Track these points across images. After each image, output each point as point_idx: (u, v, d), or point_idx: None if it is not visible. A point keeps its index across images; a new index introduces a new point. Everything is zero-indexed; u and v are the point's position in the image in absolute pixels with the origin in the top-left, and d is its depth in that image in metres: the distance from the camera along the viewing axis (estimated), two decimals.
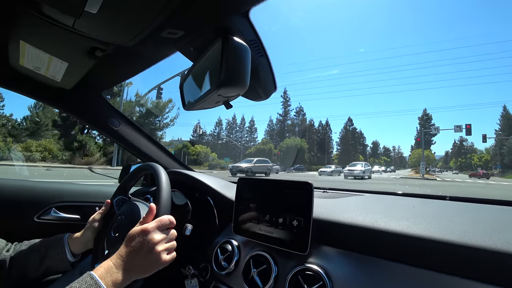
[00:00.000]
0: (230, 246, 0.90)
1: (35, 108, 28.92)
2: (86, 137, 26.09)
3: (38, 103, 28.47)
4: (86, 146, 24.67)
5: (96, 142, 27.05)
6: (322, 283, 0.67)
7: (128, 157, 27.02)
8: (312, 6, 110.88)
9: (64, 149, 24.02)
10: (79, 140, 25.04)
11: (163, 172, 0.82)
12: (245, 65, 0.52)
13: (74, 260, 0.91)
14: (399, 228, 0.64)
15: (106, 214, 0.94)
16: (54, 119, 28.59)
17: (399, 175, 36.75)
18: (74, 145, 24.48)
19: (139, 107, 31.98)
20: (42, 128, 27.42)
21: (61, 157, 22.78)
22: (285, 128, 63.92)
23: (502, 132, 59.81)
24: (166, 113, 34.67)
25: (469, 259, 0.54)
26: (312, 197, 0.73)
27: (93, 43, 0.75)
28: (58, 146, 24.07)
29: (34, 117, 28.15)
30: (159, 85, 17.83)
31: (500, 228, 0.60)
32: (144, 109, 32.32)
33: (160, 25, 0.57)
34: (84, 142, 25.02)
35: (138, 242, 0.64)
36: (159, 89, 17.93)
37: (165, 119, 34.87)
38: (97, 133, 30.32)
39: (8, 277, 0.86)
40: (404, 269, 0.61)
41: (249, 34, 0.57)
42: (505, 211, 0.86)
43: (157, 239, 0.65)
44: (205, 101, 0.61)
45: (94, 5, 0.50)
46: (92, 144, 25.52)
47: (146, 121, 32.10)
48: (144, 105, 32.40)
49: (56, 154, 22.39)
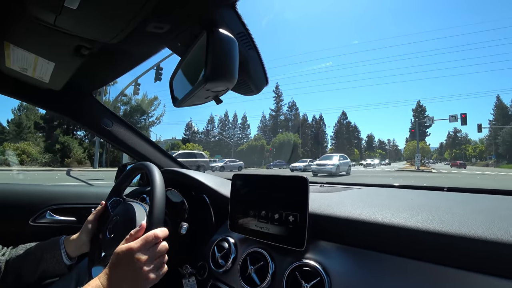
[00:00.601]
0: (227, 244, 0.90)
1: (19, 111, 28.63)
2: (69, 139, 25.71)
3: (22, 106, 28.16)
4: (68, 148, 24.29)
5: (81, 143, 26.75)
6: (320, 278, 0.66)
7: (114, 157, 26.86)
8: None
9: (44, 152, 23.62)
10: (61, 142, 24.67)
11: (156, 170, 0.81)
12: (232, 58, 0.51)
13: (70, 263, 0.90)
14: (396, 221, 0.64)
15: (100, 215, 0.94)
16: (36, 121, 28.32)
17: (393, 168, 36.96)
18: (56, 147, 24.13)
19: (123, 106, 31.63)
20: (25, 131, 27.12)
21: (41, 160, 22.38)
22: (278, 123, 64.09)
23: (496, 122, 60.50)
24: (151, 111, 34.46)
25: (468, 251, 0.53)
26: (307, 191, 0.72)
27: (78, 41, 0.73)
28: (38, 149, 23.68)
29: (16, 120, 27.82)
30: (135, 80, 17.30)
31: (499, 218, 0.60)
32: (128, 108, 31.93)
33: (144, 19, 0.55)
34: (66, 143, 24.65)
35: (124, 263, 0.62)
36: (136, 84, 17.51)
37: (151, 117, 34.67)
38: (82, 134, 30.23)
39: (3, 281, 0.85)
40: (403, 262, 0.60)
41: (236, 26, 0.56)
42: (503, 200, 0.86)
43: (143, 259, 0.63)
44: (194, 97, 0.59)
45: (74, 0, 0.48)
46: (76, 146, 25.14)
47: (131, 120, 31.69)
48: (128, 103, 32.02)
49: (35, 157, 21.98)
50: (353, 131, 75.44)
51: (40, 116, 29.27)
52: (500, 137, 57.08)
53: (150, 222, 0.70)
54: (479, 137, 72.34)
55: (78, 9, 0.51)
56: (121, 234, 0.77)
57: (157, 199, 0.73)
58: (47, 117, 28.42)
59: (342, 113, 73.56)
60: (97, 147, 21.36)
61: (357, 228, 0.69)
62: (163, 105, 39.30)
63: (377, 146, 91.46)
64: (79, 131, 31.54)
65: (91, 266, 0.84)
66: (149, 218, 0.71)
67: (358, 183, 1.26)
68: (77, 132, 31.39)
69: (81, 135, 31.32)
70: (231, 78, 0.51)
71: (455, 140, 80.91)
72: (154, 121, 34.78)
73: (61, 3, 0.49)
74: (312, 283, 0.66)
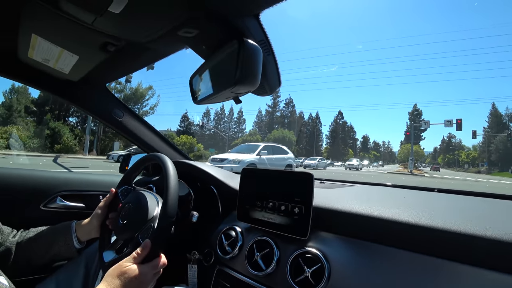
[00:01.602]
0: (234, 232, 0.96)
1: (10, 94, 27.94)
2: (60, 124, 25.12)
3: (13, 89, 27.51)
4: (59, 134, 23.76)
5: (72, 130, 26.14)
6: (320, 265, 0.73)
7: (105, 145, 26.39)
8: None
9: (33, 137, 23.01)
10: (52, 128, 24.07)
11: (170, 162, 0.85)
12: (258, 64, 0.58)
13: (80, 246, 0.93)
14: (390, 216, 0.71)
15: (110, 202, 0.97)
16: (26, 105, 27.65)
17: (386, 170, 37.26)
18: (46, 132, 23.52)
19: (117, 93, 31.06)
20: (15, 114, 26.46)
21: (29, 145, 21.79)
22: (274, 119, 63.93)
23: (490, 130, 61.13)
24: (145, 100, 34.11)
25: (451, 242, 0.61)
26: (312, 186, 0.79)
27: (107, 39, 0.77)
28: (27, 133, 22.98)
29: (7, 103, 27.12)
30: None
31: (479, 216, 0.68)
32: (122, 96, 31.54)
33: (178, 25, 0.61)
34: (57, 129, 24.04)
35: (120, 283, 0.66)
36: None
37: (144, 107, 34.36)
38: (75, 121, 29.64)
39: (15, 263, 0.87)
40: (395, 252, 0.67)
41: (259, 35, 0.62)
42: (486, 202, 0.94)
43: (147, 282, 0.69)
44: (217, 97, 0.65)
45: (118, 5, 0.53)
46: (66, 132, 24.57)
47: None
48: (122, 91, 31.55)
49: (23, 142, 21.21)
50: (349, 131, 75.75)
51: (31, 100, 28.72)
52: (493, 144, 57.74)
53: (165, 213, 0.75)
54: (473, 144, 73.13)
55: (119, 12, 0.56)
56: (133, 221, 0.82)
57: (172, 191, 0.77)
58: (39, 101, 27.87)
59: (338, 113, 73.93)
60: (88, 134, 20.99)
61: (355, 221, 0.76)
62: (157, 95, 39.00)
63: (372, 147, 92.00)
64: (71, 117, 31.06)
65: (102, 250, 0.87)
66: (163, 209, 0.76)
67: (356, 181, 1.33)
68: (69, 118, 30.89)
69: (73, 122, 30.89)
70: (256, 82, 0.58)
71: (449, 146, 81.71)
72: (148, 111, 34.55)
73: (105, 7, 0.54)
74: (313, 268, 0.73)
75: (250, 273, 0.85)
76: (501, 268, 0.54)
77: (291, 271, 0.77)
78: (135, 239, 0.77)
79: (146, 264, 0.70)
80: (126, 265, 0.68)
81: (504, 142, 53.17)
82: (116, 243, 0.89)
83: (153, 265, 0.71)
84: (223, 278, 0.93)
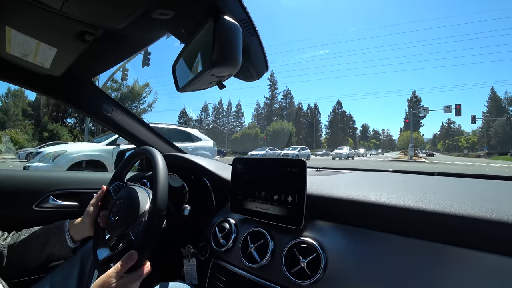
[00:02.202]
0: (227, 225, 0.94)
1: (7, 98, 27.91)
2: (58, 126, 25.28)
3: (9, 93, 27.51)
4: (57, 135, 23.82)
5: (71, 131, 26.21)
6: (316, 254, 0.70)
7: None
8: None
9: (32, 139, 23.09)
10: (50, 130, 24.21)
11: (159, 155, 0.83)
12: (237, 44, 0.53)
13: (74, 246, 0.92)
14: (388, 201, 0.68)
15: (102, 200, 0.95)
16: (23, 108, 27.70)
17: (387, 158, 37.35)
18: (44, 135, 23.62)
19: (113, 92, 30.89)
20: (12, 118, 26.52)
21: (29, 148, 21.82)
22: (272, 112, 63.94)
23: (489, 114, 61.15)
24: (143, 97, 33.95)
25: (452, 226, 0.58)
26: (305, 173, 0.76)
27: (82, 27, 0.73)
28: (26, 136, 23.13)
29: (4, 107, 27.11)
30: (123, 65, 16.60)
31: (481, 199, 0.64)
32: (119, 94, 31.43)
33: (151, 6, 0.57)
34: (55, 131, 24.19)
35: None
36: (124, 69, 16.88)
37: (142, 104, 34.21)
38: (73, 122, 29.65)
39: (9, 265, 0.86)
40: (394, 238, 0.65)
41: (240, 14, 0.58)
42: (486, 183, 0.91)
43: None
44: (198, 82, 0.62)
45: None
46: (65, 133, 24.72)
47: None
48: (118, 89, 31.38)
49: (23, 145, 21.35)
50: (348, 120, 75.77)
51: (28, 103, 28.70)
52: (492, 129, 57.84)
53: (154, 207, 0.73)
54: (472, 129, 73.33)
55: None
56: (125, 217, 0.80)
57: (161, 184, 0.75)
58: (35, 104, 27.83)
59: (337, 102, 73.90)
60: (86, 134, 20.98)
61: (351, 208, 0.73)
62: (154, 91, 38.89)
63: (372, 136, 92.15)
64: (69, 118, 31.02)
65: (96, 248, 0.86)
66: (153, 203, 0.74)
67: (353, 168, 1.30)
68: (67, 119, 30.83)
69: (72, 123, 30.81)
70: (236, 64, 0.53)
71: (448, 131, 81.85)
72: (146, 108, 34.38)
73: None
74: (309, 258, 0.71)
75: (245, 266, 0.82)
76: (503, 251, 0.52)
77: (287, 262, 0.74)
78: (127, 235, 0.76)
79: (131, 275, 0.69)
80: (110, 278, 0.66)
81: (503, 126, 53.26)
82: (110, 240, 0.87)
83: (137, 275, 0.70)
84: (219, 272, 0.91)
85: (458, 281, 0.54)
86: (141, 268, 0.71)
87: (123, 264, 0.68)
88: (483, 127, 63.00)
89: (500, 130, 55.19)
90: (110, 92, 30.25)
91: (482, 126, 63.82)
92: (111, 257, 0.77)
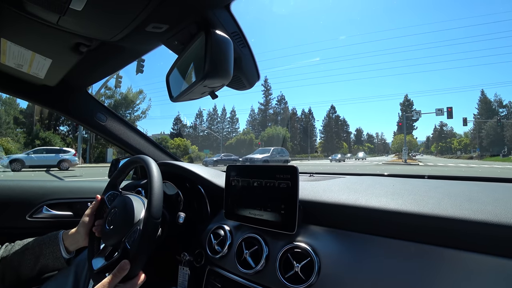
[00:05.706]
0: (222, 231, 0.94)
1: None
2: (50, 134, 24.90)
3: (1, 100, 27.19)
4: (50, 143, 23.35)
5: (64, 139, 25.89)
6: (310, 259, 0.71)
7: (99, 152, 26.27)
8: None
9: (24, 148, 22.58)
10: (42, 138, 23.82)
11: (153, 163, 0.84)
12: (228, 56, 0.55)
13: (69, 256, 0.91)
14: (378, 204, 0.69)
15: (97, 209, 0.95)
16: (15, 116, 27.34)
17: (381, 162, 37.65)
18: (36, 143, 23.16)
19: (107, 99, 30.79)
20: (4, 126, 26.12)
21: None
22: (267, 117, 64.02)
23: (480, 116, 62.09)
24: (136, 105, 33.76)
25: (440, 229, 0.59)
26: (297, 179, 0.77)
27: (77, 39, 0.75)
28: (18, 145, 22.68)
29: None
30: (116, 72, 16.82)
31: (468, 200, 0.66)
32: (113, 101, 31.30)
33: (145, 20, 0.59)
34: (48, 139, 23.81)
35: None
36: (117, 76, 16.83)
37: (136, 112, 34.05)
38: (66, 129, 29.32)
39: (3, 277, 0.85)
40: (385, 242, 0.66)
41: (231, 26, 0.60)
42: (474, 185, 0.94)
43: None
44: (192, 92, 0.63)
45: (79, 2, 0.51)
46: (58, 141, 24.33)
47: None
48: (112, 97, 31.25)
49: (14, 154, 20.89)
50: (342, 125, 76.24)
51: (20, 110, 28.37)
52: (484, 130, 58.69)
53: (149, 215, 0.73)
54: (464, 131, 74.34)
55: (82, 10, 0.54)
56: (120, 226, 0.80)
57: (155, 192, 0.76)
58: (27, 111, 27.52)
59: (331, 107, 74.32)
60: (80, 142, 20.76)
61: (343, 212, 0.75)
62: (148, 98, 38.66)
63: (366, 139, 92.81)
64: (62, 126, 30.66)
65: (91, 258, 0.86)
66: (148, 211, 0.74)
67: (346, 173, 1.32)
68: (60, 127, 30.45)
69: (64, 131, 30.43)
70: (227, 75, 0.56)
71: (441, 134, 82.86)
72: (140, 115, 34.18)
73: (66, 5, 0.52)
74: (303, 263, 0.72)
75: (240, 272, 0.83)
76: (489, 250, 0.53)
77: (281, 267, 0.75)
78: (123, 244, 0.76)
79: (125, 284, 0.70)
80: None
81: (494, 128, 54.09)
82: (105, 249, 0.87)
83: (132, 284, 0.70)
84: (214, 278, 0.92)
85: (449, 283, 0.55)
86: (136, 278, 0.71)
87: (116, 274, 0.68)
88: (475, 129, 63.91)
89: (491, 132, 56.05)
90: (104, 99, 30.09)
91: (474, 128, 64.75)
92: (106, 266, 0.77)
